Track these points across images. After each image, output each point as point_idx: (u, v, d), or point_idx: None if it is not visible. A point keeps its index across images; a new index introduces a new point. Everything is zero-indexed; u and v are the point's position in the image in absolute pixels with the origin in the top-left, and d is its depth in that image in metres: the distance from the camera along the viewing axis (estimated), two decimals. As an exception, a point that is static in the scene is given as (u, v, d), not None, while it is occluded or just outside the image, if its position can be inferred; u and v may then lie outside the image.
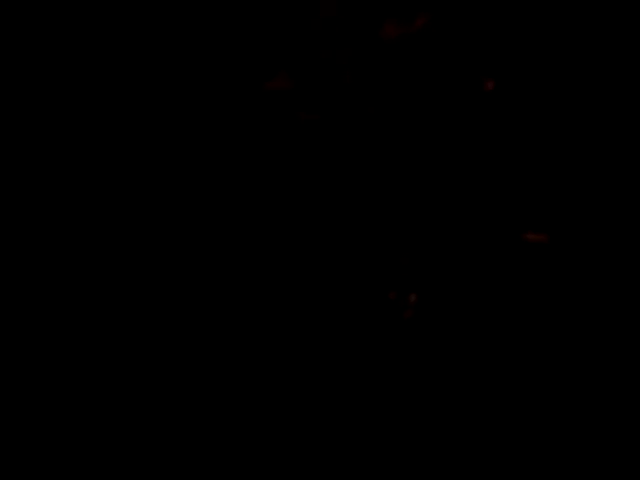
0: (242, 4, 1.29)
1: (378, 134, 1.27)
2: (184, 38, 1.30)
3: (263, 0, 1.30)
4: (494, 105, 1.23)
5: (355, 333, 1.20)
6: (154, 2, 1.30)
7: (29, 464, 1.24)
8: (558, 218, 1.20)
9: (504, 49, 1.25)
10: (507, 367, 1.17)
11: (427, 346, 1.18)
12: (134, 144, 1.29)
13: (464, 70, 1.26)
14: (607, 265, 1.18)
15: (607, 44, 1.22)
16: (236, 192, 1.25)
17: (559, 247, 1.19)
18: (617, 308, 1.17)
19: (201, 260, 1.26)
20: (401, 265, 1.20)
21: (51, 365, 1.28)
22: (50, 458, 1.24)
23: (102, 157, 1.31)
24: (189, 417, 1.23)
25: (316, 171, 1.25)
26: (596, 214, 1.20)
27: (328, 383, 1.20)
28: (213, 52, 1.29)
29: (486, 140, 1.23)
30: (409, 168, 1.25)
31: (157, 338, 1.27)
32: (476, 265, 1.20)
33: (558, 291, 1.18)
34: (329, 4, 1.27)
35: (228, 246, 1.25)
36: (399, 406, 1.18)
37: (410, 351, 1.18)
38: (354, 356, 1.20)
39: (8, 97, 1.33)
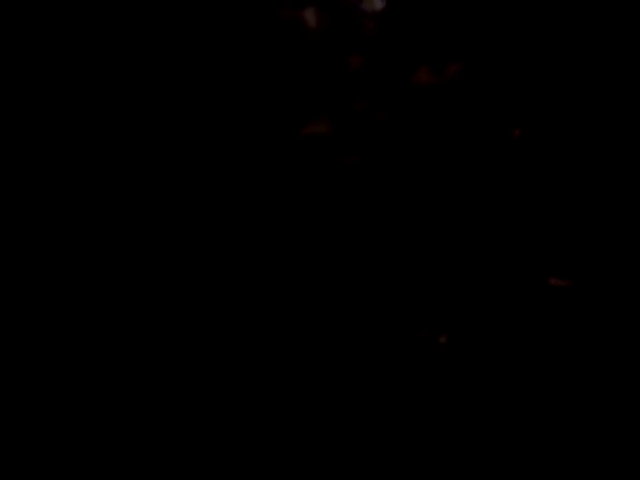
0: (287, 55, 1.37)
1: (410, 175, 1.33)
2: (229, 84, 1.36)
3: (304, 52, 1.37)
4: (519, 152, 1.30)
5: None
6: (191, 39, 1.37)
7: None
8: (581, 265, 1.26)
9: (528, 100, 1.32)
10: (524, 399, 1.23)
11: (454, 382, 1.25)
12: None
13: (490, 117, 1.33)
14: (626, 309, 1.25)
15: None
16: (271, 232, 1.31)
17: (582, 293, 1.25)
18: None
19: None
20: (431, 306, 1.27)
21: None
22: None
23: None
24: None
25: (353, 211, 1.32)
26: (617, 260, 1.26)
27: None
28: (258, 98, 1.36)
29: (513, 186, 1.29)
30: (440, 210, 1.31)
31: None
32: (500, 304, 1.26)
33: (579, 337, 1.24)
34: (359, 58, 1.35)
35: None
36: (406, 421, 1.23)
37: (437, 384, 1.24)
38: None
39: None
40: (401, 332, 1.26)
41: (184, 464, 1.24)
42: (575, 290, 1.25)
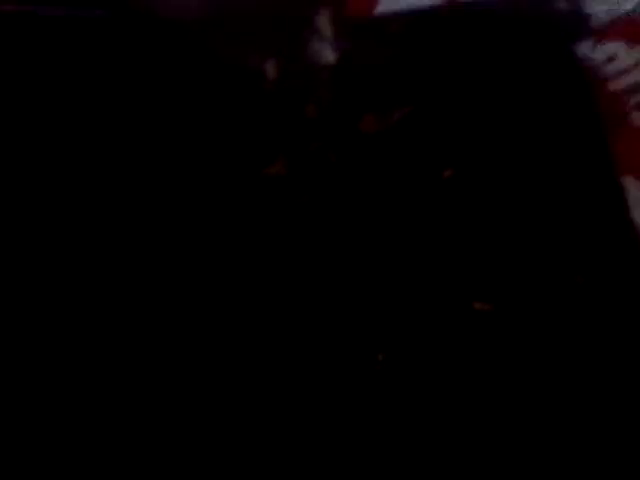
0: (241, 101, 1.53)
1: (361, 211, 1.49)
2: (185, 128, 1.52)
3: (264, 100, 1.54)
4: (451, 189, 1.46)
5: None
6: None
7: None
8: (504, 287, 1.40)
9: (465, 142, 1.48)
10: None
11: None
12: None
13: (428, 158, 1.49)
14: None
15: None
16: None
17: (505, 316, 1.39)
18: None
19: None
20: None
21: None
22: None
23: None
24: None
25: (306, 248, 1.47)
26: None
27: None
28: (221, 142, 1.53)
29: (443, 219, 1.45)
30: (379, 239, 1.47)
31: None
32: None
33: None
34: (314, 105, 1.52)
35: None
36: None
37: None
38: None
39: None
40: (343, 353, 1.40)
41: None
42: (497, 313, 1.40)
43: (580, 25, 1.41)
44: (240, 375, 1.36)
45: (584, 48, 1.41)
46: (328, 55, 1.55)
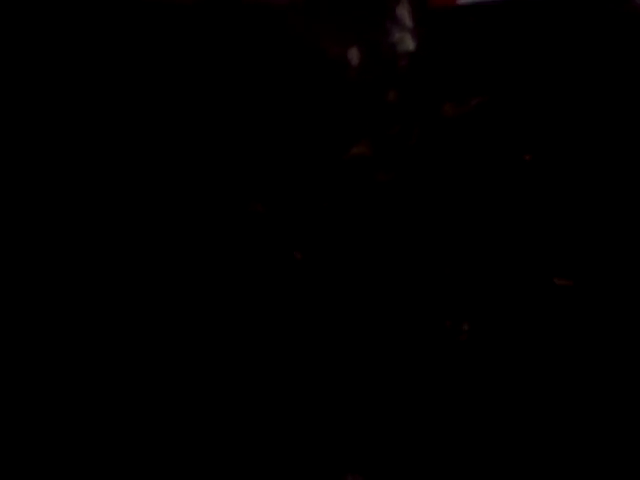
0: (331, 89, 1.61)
1: (435, 190, 1.57)
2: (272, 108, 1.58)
3: (348, 87, 1.62)
4: (531, 175, 1.53)
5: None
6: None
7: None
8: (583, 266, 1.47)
9: (543, 127, 1.55)
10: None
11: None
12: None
13: (504, 143, 1.56)
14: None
15: None
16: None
17: (584, 292, 1.46)
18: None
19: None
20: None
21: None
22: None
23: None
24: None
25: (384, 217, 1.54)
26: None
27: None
28: (310, 125, 1.60)
29: (522, 200, 1.52)
30: (456, 217, 1.54)
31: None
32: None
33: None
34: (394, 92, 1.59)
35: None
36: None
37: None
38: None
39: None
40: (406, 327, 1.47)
41: (184, 464, 1.32)
42: (577, 289, 1.47)
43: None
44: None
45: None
46: (409, 43, 1.62)
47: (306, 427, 1.38)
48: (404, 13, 1.63)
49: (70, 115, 1.53)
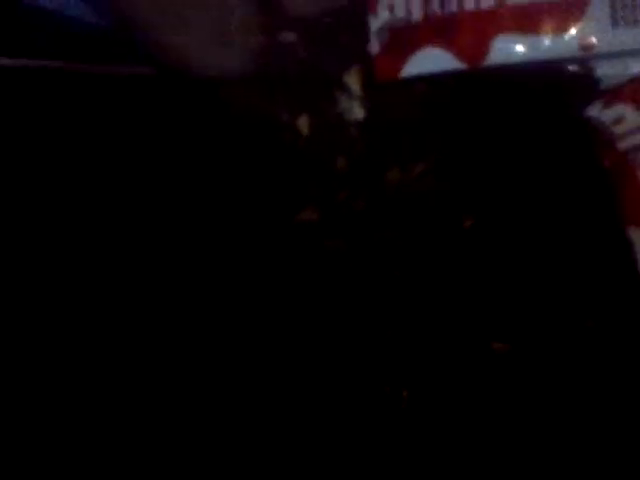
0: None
1: (384, 255, 1.61)
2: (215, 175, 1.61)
3: (297, 154, 1.67)
4: (471, 239, 1.58)
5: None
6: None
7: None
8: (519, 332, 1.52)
9: (481, 195, 1.60)
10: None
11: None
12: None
13: (450, 208, 1.61)
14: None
15: None
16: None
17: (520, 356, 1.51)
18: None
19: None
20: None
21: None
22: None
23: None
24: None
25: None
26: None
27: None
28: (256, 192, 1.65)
29: (463, 266, 1.57)
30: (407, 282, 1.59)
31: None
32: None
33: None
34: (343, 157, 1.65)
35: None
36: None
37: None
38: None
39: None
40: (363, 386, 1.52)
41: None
42: (514, 353, 1.52)
43: (589, 88, 1.54)
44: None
45: (593, 110, 1.53)
46: (357, 112, 1.67)
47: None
48: (352, 82, 1.68)
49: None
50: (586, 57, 1.50)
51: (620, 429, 1.41)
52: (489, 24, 1.51)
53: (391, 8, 1.58)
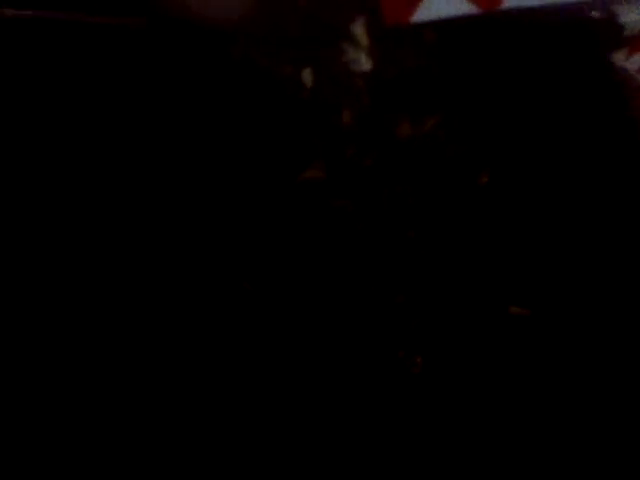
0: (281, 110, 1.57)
1: (395, 215, 1.53)
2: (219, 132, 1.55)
3: (301, 107, 1.58)
4: (486, 195, 1.49)
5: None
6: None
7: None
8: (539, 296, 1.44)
9: (500, 149, 1.51)
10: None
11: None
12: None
13: (463, 164, 1.52)
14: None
15: None
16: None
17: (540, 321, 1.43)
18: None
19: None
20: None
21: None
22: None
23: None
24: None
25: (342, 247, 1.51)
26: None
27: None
28: (259, 147, 1.56)
29: (480, 224, 1.48)
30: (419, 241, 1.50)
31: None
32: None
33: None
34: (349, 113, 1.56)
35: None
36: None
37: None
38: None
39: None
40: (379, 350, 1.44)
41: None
42: (534, 318, 1.43)
43: (614, 34, 1.44)
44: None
45: (618, 58, 1.44)
46: (364, 62, 1.58)
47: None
48: (359, 32, 1.58)
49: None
50: (609, 1, 1.41)
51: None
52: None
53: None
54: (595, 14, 1.44)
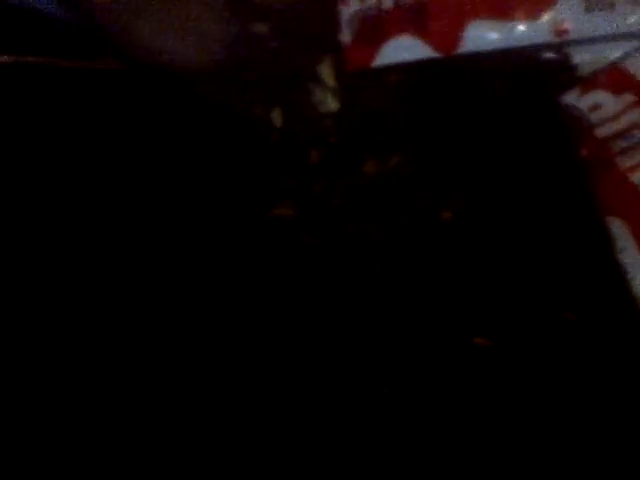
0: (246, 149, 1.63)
1: (362, 251, 1.58)
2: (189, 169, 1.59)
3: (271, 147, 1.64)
4: (450, 232, 1.55)
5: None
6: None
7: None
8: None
9: (459, 186, 1.57)
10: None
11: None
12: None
13: (428, 200, 1.58)
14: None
15: None
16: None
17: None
18: None
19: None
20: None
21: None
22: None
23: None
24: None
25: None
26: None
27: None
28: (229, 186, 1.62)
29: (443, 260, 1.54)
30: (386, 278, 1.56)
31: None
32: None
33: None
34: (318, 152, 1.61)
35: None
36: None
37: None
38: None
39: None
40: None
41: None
42: (497, 349, 1.49)
43: (566, 75, 1.50)
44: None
45: (570, 97, 1.50)
46: (331, 103, 1.64)
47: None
48: (325, 73, 1.65)
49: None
50: (561, 43, 1.47)
51: (602, 422, 1.40)
52: (462, 11, 1.48)
53: (362, -4, 1.55)
54: (548, 55, 1.50)
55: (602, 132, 1.45)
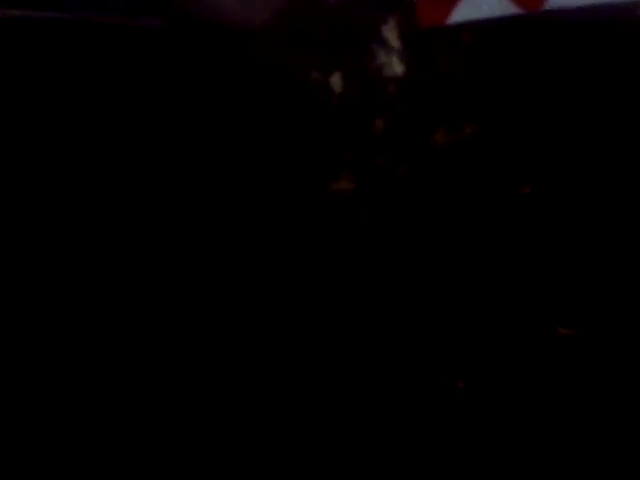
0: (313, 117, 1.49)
1: (430, 229, 1.44)
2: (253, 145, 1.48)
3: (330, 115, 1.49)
4: (531, 209, 1.40)
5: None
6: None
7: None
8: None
9: (543, 157, 1.42)
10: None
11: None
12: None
13: (505, 174, 1.43)
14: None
15: None
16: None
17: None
18: None
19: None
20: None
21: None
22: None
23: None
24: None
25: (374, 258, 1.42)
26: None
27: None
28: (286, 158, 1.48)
29: (523, 240, 1.39)
30: (455, 260, 1.41)
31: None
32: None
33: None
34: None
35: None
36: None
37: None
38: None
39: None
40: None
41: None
42: (581, 338, 1.34)
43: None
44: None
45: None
46: (396, 66, 1.49)
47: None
48: (391, 34, 1.50)
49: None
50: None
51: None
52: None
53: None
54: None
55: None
